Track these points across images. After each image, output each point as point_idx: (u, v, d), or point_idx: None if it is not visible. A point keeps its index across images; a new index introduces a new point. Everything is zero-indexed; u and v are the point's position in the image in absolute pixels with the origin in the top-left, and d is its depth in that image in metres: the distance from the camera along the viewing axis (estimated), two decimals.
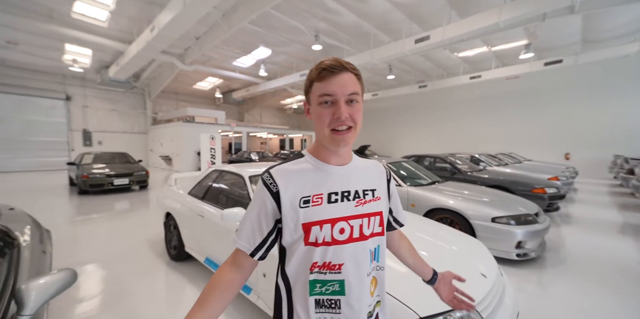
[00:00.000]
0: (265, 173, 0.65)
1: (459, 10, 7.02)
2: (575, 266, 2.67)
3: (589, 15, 7.15)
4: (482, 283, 1.28)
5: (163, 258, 2.89)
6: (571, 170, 7.02)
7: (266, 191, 0.62)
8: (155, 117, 15.60)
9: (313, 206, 0.61)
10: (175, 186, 3.14)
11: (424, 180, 3.68)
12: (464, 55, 10.47)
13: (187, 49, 9.75)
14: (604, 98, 10.05)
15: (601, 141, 10.09)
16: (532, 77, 10.70)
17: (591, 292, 2.22)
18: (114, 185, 6.43)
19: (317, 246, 0.61)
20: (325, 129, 0.61)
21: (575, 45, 9.34)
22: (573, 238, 3.49)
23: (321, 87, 0.60)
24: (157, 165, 14.33)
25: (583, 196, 6.38)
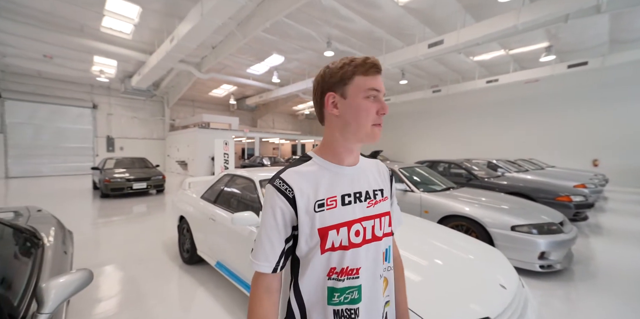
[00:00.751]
0: (277, 179, 0.61)
1: (474, 14, 6.91)
2: (608, 282, 2.45)
3: (617, 15, 6.80)
4: (501, 294, 1.20)
5: (176, 261, 2.94)
6: (600, 177, 6.58)
7: (281, 198, 0.59)
8: (173, 123, 16.27)
9: (328, 209, 0.59)
10: (189, 190, 3.21)
11: (438, 186, 3.56)
12: (479, 59, 10.23)
13: (204, 58, 10.17)
14: (634, 101, 9.42)
15: (634, 146, 9.39)
16: (552, 80, 10.21)
17: (627, 312, 2.03)
18: (133, 189, 6.70)
19: (335, 251, 0.59)
20: (368, 123, 0.60)
21: (601, 47, 8.87)
22: (604, 251, 3.23)
23: (368, 81, 0.59)
24: (173, 169, 14.82)
25: (615, 206, 5.93)
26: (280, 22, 7.12)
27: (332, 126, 0.63)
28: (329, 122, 0.64)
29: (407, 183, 3.41)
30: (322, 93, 0.62)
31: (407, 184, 3.38)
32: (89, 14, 7.00)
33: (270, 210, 0.60)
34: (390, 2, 6.49)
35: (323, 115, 0.64)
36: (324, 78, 0.62)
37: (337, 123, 0.62)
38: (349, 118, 0.60)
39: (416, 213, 3.04)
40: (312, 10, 6.83)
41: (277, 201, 0.59)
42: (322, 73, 0.63)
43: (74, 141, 13.00)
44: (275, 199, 0.59)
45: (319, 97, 0.63)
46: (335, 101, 0.61)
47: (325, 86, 0.61)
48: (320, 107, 0.64)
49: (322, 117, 0.65)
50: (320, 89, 0.62)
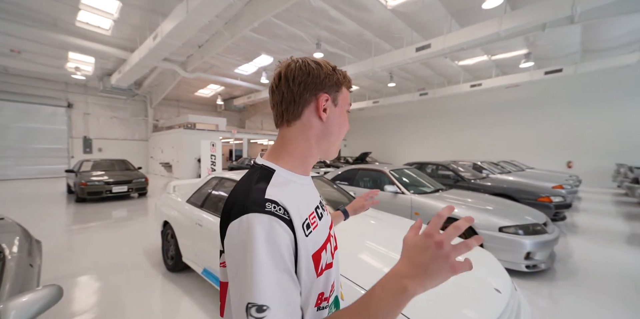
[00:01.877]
0: (267, 202, 0.44)
1: (459, 20, 7.13)
2: (587, 279, 2.56)
3: (588, 26, 7.25)
4: (496, 299, 1.19)
5: (159, 268, 2.79)
6: (574, 178, 6.95)
7: (283, 225, 0.43)
8: (157, 124, 15.67)
9: (314, 229, 0.51)
10: (174, 194, 3.07)
11: (428, 188, 3.61)
12: (464, 63, 10.58)
13: (189, 57, 9.87)
14: (605, 107, 10.07)
15: (603, 149, 10.03)
16: (532, 85, 10.76)
17: (606, 309, 2.12)
18: (112, 193, 6.35)
19: (321, 274, 0.51)
20: (342, 137, 0.58)
21: (575, 55, 9.44)
22: (581, 249, 3.39)
23: (348, 96, 0.58)
24: (157, 172, 14.27)
25: (588, 206, 6.28)
26: (269, 22, 7.03)
27: (310, 131, 0.53)
28: (306, 127, 0.53)
29: (397, 185, 3.43)
30: (313, 91, 0.52)
31: (398, 186, 3.40)
32: (63, 7, 6.58)
33: (275, 247, 0.41)
34: (379, 5, 6.58)
35: (300, 115, 0.53)
36: (317, 75, 0.52)
37: (319, 130, 0.54)
38: (334, 127, 0.55)
39: (407, 215, 3.06)
40: (301, 11, 6.79)
41: (279, 232, 0.42)
42: (312, 66, 0.52)
43: (46, 142, 12.18)
44: (275, 229, 0.42)
45: (307, 93, 0.52)
46: (326, 105, 0.53)
47: (318, 84, 0.52)
48: (302, 105, 0.52)
49: (296, 118, 0.53)
50: (310, 85, 0.52)
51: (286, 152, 0.54)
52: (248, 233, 0.41)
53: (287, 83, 0.52)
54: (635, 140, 9.46)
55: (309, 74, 0.52)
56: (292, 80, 0.52)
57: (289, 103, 0.52)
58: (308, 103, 0.52)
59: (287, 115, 0.53)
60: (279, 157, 0.54)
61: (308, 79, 0.52)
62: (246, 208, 0.43)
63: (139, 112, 15.12)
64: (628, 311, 2.07)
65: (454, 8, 6.68)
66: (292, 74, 0.52)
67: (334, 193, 2.74)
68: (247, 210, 0.43)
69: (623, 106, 9.71)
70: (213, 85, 13.99)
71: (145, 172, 14.22)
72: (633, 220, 4.89)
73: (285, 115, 0.53)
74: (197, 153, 11.26)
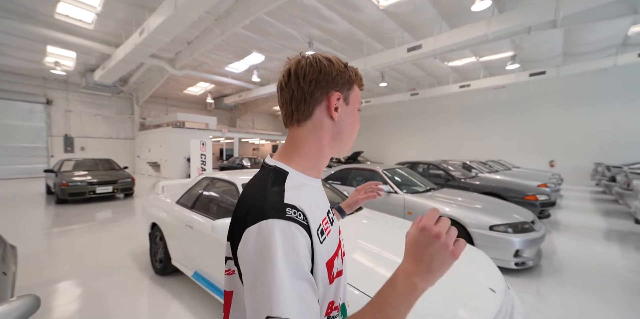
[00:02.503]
0: (286, 207, 0.42)
1: (450, 21, 7.25)
2: (571, 275, 2.66)
3: (569, 30, 7.54)
4: (491, 299, 1.20)
5: (147, 272, 2.69)
6: (557, 177, 7.22)
7: (303, 232, 0.41)
8: (144, 122, 15.19)
9: (328, 235, 0.49)
10: (163, 195, 2.97)
11: (420, 187, 3.65)
12: (453, 64, 10.79)
13: (178, 53, 9.60)
14: (584, 109, 10.51)
15: (583, 149, 10.49)
16: (518, 87, 11.11)
17: (590, 302, 2.20)
18: (96, 194, 6.10)
19: (333, 281, 0.49)
20: (355, 136, 0.57)
21: (557, 58, 9.81)
22: (565, 246, 3.52)
23: (359, 94, 0.56)
24: (144, 171, 13.84)
25: (569, 203, 6.54)
26: (261, 19, 6.93)
27: (322, 131, 0.51)
28: (317, 127, 0.51)
29: (390, 184, 3.44)
30: (325, 89, 0.50)
31: (391, 186, 3.42)
32: None
33: (295, 256, 0.39)
34: (371, 5, 6.59)
35: (311, 114, 0.50)
36: (328, 73, 0.49)
37: (330, 129, 0.52)
38: (346, 127, 0.53)
39: (400, 215, 3.08)
40: (293, 9, 6.72)
41: (299, 239, 0.40)
42: (323, 63, 0.49)
43: (22, 140, 11.55)
44: (296, 236, 0.40)
45: (318, 91, 0.49)
46: (338, 104, 0.51)
47: (330, 82, 0.50)
48: (313, 104, 0.50)
49: (306, 117, 0.51)
50: (322, 83, 0.49)
51: (297, 153, 0.52)
52: (268, 240, 0.39)
53: (297, 80, 0.50)
54: (612, 140, 9.93)
55: (320, 71, 0.49)
56: (302, 77, 0.49)
57: (299, 102, 0.50)
58: (319, 102, 0.50)
59: (297, 114, 0.51)
60: (290, 158, 0.52)
61: (319, 77, 0.49)
62: (265, 213, 0.41)
63: (124, 110, 14.60)
64: (608, 304, 2.16)
65: (444, 9, 6.79)
66: (302, 71, 0.49)
67: (327, 193, 2.72)
68: (267, 215, 0.41)
69: (601, 108, 10.17)
70: (203, 83, 13.69)
71: (132, 172, 13.77)
72: (610, 217, 5.13)
73: (295, 114, 0.51)
74: (187, 152, 11.00)
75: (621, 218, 4.98)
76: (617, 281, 2.55)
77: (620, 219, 4.93)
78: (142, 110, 15.26)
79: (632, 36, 7.98)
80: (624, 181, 5.18)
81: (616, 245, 3.57)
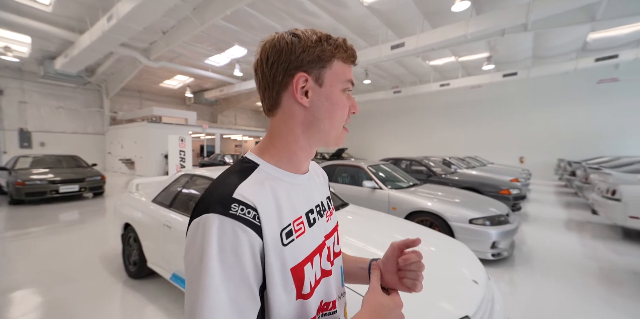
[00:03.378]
0: (233, 203, 0.38)
1: (431, 21, 7.42)
2: (539, 263, 2.85)
3: (538, 34, 8.02)
4: (475, 290, 1.24)
5: (119, 276, 2.52)
6: (526, 172, 7.73)
7: (249, 232, 0.37)
8: (115, 116, 14.18)
9: (298, 237, 0.43)
10: (137, 193, 2.78)
11: (404, 183, 3.72)
12: (434, 63, 11.11)
13: (153, 44, 9.01)
14: (550, 109, 11.34)
15: (548, 146, 11.34)
16: (493, 87, 11.71)
17: (555, 288, 2.37)
18: (59, 193, 5.60)
19: (314, 290, 0.45)
20: (340, 124, 0.48)
21: (527, 60, 10.43)
22: (533, 236, 3.77)
23: (346, 71, 0.47)
24: (116, 169, 12.99)
25: (537, 196, 7.03)
26: (243, 11, 6.66)
27: (294, 120, 0.45)
28: (288, 115, 0.45)
29: (375, 180, 3.48)
30: (288, 70, 0.43)
31: (376, 181, 3.46)
32: None
33: (232, 258, 0.35)
34: (355, 1, 6.57)
35: (279, 102, 0.45)
36: (291, 51, 0.42)
37: (303, 117, 0.45)
38: (322, 113, 0.45)
39: (384, 210, 3.12)
40: (276, 2, 6.53)
41: (242, 240, 0.36)
42: (286, 41, 0.43)
43: None
44: (239, 236, 0.36)
45: (281, 74, 0.43)
46: (307, 87, 0.44)
47: (293, 61, 0.42)
48: (279, 90, 0.44)
49: (276, 105, 0.46)
50: (283, 64, 0.43)
51: (272, 145, 0.47)
52: (206, 237, 0.36)
53: (262, 65, 0.45)
54: (573, 138, 10.80)
55: (281, 51, 0.43)
56: (266, 61, 0.44)
57: (265, 89, 0.45)
58: (285, 87, 0.44)
59: (266, 102, 0.47)
60: (265, 151, 0.48)
61: (281, 57, 0.43)
62: (208, 206, 0.38)
63: (92, 103, 13.52)
64: (570, 288, 2.34)
65: (426, 9, 6.92)
66: (266, 54, 0.44)
67: None
68: (209, 209, 0.37)
69: (564, 108, 11.02)
70: (181, 76, 13.01)
71: (102, 169, 12.87)
72: (571, 208, 5.58)
73: (265, 102, 0.47)
74: (164, 148, 10.46)
75: (580, 209, 5.44)
76: (576, 267, 2.78)
77: (579, 210, 5.39)
78: (113, 103, 14.22)
79: (590, 42, 8.66)
80: (582, 176, 5.64)
81: (576, 233, 3.90)
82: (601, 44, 8.78)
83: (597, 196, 3.91)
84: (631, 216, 3.31)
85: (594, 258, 3.02)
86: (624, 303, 2.14)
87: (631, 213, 3.30)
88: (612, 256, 3.07)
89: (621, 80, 9.87)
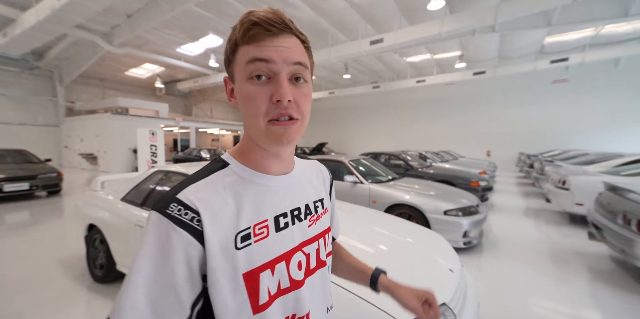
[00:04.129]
0: (172, 202, 0.37)
1: (408, 18, 7.57)
2: (504, 249, 3.12)
3: (504, 35, 8.56)
4: (450, 278, 1.31)
5: (83, 281, 2.32)
6: (493, 165, 8.35)
7: (183, 234, 0.35)
8: (72, 106, 12.81)
9: (257, 241, 0.40)
10: (103, 191, 2.56)
11: (384, 177, 3.83)
12: (411, 60, 11.42)
13: (116, 27, 8.19)
14: (513, 106, 12.31)
15: (511, 140, 12.37)
16: (464, 84, 12.38)
17: (516, 270, 2.62)
18: (4, 192, 4.97)
19: (273, 300, 0.41)
20: (259, 119, 0.38)
21: (494, 60, 11.14)
22: (498, 224, 4.10)
23: (252, 51, 0.37)
24: (75, 165, 11.86)
25: (501, 187, 7.64)
26: None
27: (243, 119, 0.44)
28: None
29: (356, 175, 3.54)
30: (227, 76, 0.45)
31: (357, 176, 3.51)
32: None
33: (162, 259, 0.34)
34: None
35: None
36: (225, 59, 0.43)
37: (244, 115, 0.42)
38: (243, 110, 0.41)
39: (365, 204, 3.20)
40: None
41: (174, 242, 0.35)
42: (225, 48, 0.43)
43: None
44: (171, 238, 0.35)
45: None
46: (231, 87, 0.43)
47: (225, 65, 0.43)
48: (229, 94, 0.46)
49: None
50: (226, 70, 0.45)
51: (241, 143, 0.47)
52: (143, 233, 0.37)
53: None
54: (532, 133, 11.84)
55: None
56: None
57: None
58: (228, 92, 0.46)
59: None
60: (238, 149, 0.47)
61: None
62: (156, 203, 0.38)
63: (42, 91, 12.05)
64: (529, 269, 2.60)
65: (403, 5, 7.03)
66: None
67: None
68: (154, 206, 0.38)
69: (525, 106, 12.02)
70: (150, 64, 12.05)
71: (58, 165, 11.64)
72: (529, 197, 6.15)
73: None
74: (132, 142, 9.71)
75: (536, 198, 6.01)
76: (533, 250, 3.09)
77: (536, 199, 5.96)
78: (70, 92, 12.82)
79: (546, 45, 9.49)
80: (539, 168, 6.22)
81: (533, 220, 4.32)
82: (555, 47, 9.65)
83: (551, 186, 4.34)
84: (577, 203, 3.73)
85: (546, 241, 3.38)
86: (570, 279, 2.44)
87: (577, 201, 3.72)
88: (561, 239, 3.46)
89: (571, 81, 10.97)
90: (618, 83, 10.22)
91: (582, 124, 10.91)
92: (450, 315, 1.11)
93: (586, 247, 3.12)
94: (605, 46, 8.93)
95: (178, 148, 14.27)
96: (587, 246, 3.15)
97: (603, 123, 10.52)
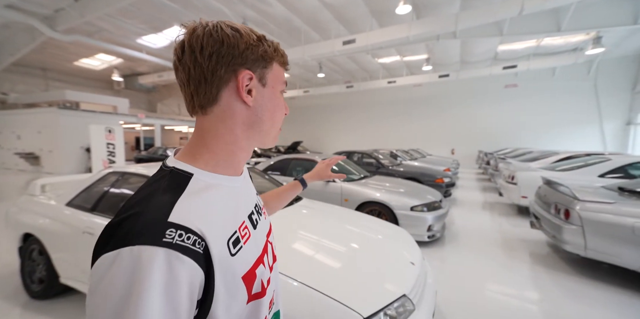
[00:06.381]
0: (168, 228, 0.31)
1: (379, 20, 7.80)
2: (464, 240, 3.38)
3: (465, 42, 9.25)
4: (411, 271, 1.39)
5: (16, 299, 2.04)
6: (456, 163, 8.99)
7: (188, 263, 0.31)
8: (4, 99, 11.18)
9: (246, 243, 0.41)
10: (43, 196, 2.26)
11: (355, 175, 3.91)
12: (382, 61, 11.82)
13: (59, 11, 7.28)
14: (473, 107, 13.41)
15: (472, 139, 13.46)
16: (431, 86, 13.21)
17: (474, 258, 2.86)
18: None
19: (265, 292, 0.44)
20: (280, 124, 0.48)
21: (456, 64, 11.99)
22: (459, 217, 4.44)
23: (282, 74, 0.47)
24: (11, 165, 10.38)
25: (463, 183, 8.27)
26: None
27: (234, 120, 0.41)
28: (228, 114, 0.41)
29: None
30: (231, 65, 0.39)
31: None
32: None
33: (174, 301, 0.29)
34: None
35: (217, 99, 0.40)
36: (234, 45, 0.39)
37: (245, 117, 0.42)
38: (265, 114, 0.43)
39: (337, 202, 3.25)
40: None
41: (181, 276, 0.30)
42: (226, 33, 0.38)
43: None
44: (178, 274, 0.30)
45: (222, 68, 0.39)
46: (251, 85, 0.41)
47: (237, 58, 0.39)
48: (217, 85, 0.39)
49: (212, 102, 0.40)
50: (225, 58, 0.38)
51: (206, 148, 0.41)
52: (132, 278, 0.28)
53: (192, 55, 0.38)
54: (489, 132, 13.02)
55: (222, 43, 0.38)
56: (199, 50, 0.38)
57: (199, 83, 0.39)
58: (225, 83, 0.39)
59: (198, 98, 0.40)
60: (197, 156, 0.41)
61: (222, 49, 0.38)
62: (132, 235, 0.30)
63: None
64: (485, 257, 2.86)
65: (373, 7, 7.24)
66: (199, 42, 0.38)
67: (266, 184, 2.61)
68: (134, 240, 0.29)
69: (482, 107, 13.18)
70: (105, 55, 10.93)
71: None
72: (486, 192, 6.75)
73: (196, 98, 0.40)
74: (85, 141, 8.75)
75: (492, 193, 6.61)
76: (488, 239, 3.40)
77: (491, 193, 6.55)
78: (1, 81, 11.15)
79: (499, 53, 10.52)
80: (494, 165, 6.84)
81: (488, 212, 4.75)
82: (507, 55, 10.73)
83: (502, 181, 4.81)
84: (522, 196, 4.18)
85: (499, 231, 3.74)
86: (517, 265, 2.73)
87: (522, 194, 4.17)
88: (510, 228, 3.86)
89: (520, 86, 12.30)
90: (555, 90, 11.68)
91: (530, 124, 12.27)
92: (409, 305, 1.18)
93: (529, 235, 3.52)
94: (544, 56, 10.16)
95: (141, 147, 13.17)
96: (529, 234, 3.54)
97: (546, 124, 11.94)
